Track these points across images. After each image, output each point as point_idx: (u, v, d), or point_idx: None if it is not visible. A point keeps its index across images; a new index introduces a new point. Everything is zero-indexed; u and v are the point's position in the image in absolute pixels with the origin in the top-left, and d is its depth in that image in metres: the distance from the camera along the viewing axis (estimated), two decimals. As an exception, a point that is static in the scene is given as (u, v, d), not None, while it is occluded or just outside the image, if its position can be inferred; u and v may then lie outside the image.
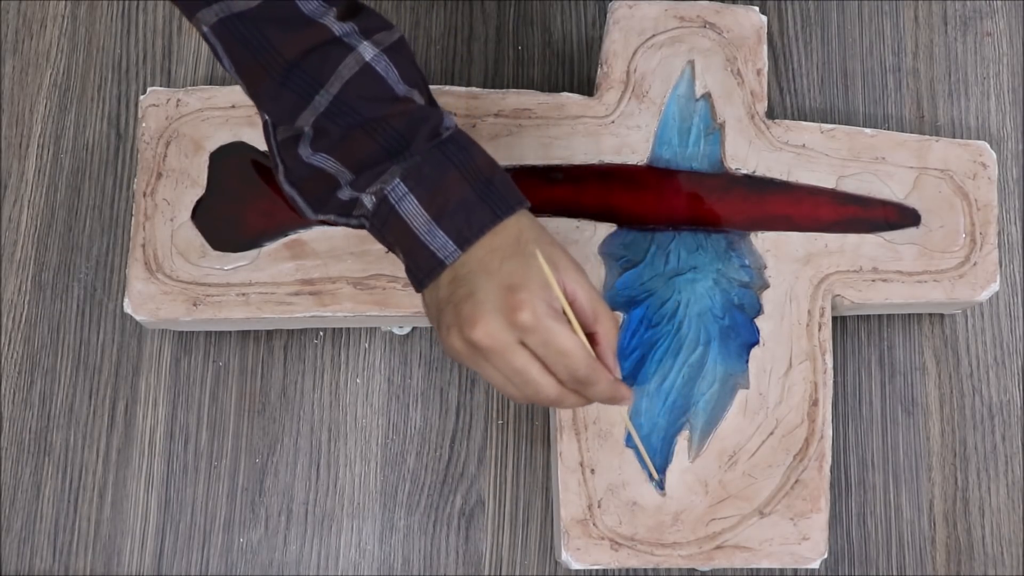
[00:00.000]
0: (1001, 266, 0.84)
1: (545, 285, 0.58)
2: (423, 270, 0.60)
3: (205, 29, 0.61)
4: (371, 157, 0.60)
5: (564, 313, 0.58)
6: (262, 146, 0.76)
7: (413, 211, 0.60)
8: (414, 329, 0.81)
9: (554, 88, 0.85)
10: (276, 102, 0.61)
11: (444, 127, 0.61)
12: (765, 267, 0.76)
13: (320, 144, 0.62)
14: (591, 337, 0.60)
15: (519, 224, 0.60)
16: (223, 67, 0.62)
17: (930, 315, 0.83)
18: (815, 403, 0.75)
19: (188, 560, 0.77)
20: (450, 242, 0.59)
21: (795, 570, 0.78)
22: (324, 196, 0.63)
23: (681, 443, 0.74)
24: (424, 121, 0.61)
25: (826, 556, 0.73)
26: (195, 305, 0.74)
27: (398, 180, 0.60)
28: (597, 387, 0.59)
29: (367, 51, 0.60)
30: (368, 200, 0.61)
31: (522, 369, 0.57)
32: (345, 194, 0.62)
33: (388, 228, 0.61)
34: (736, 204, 0.77)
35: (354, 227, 0.64)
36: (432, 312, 0.61)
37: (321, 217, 0.65)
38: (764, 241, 0.77)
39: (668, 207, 0.77)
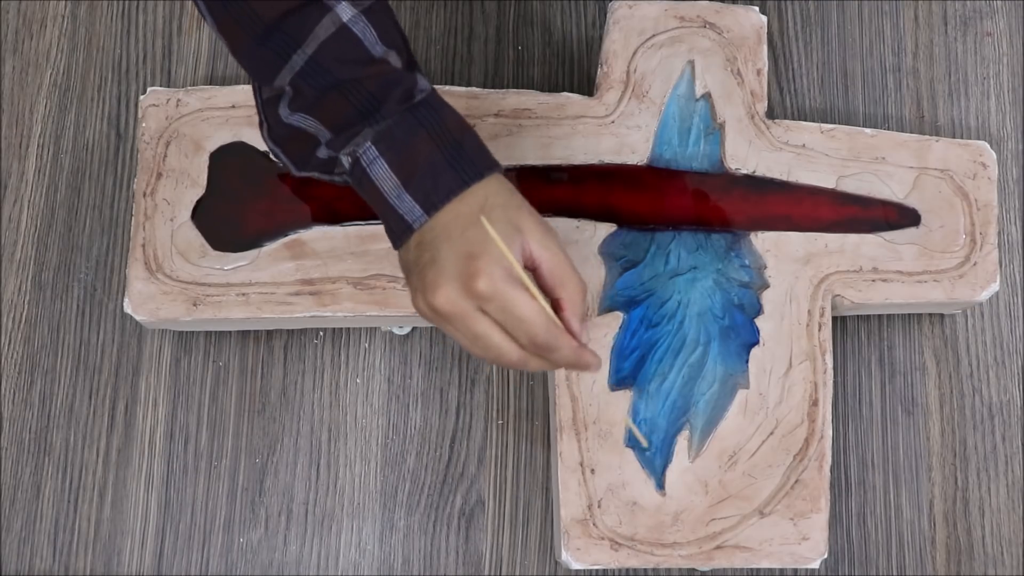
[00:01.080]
0: (1001, 266, 0.84)
1: (505, 252, 0.58)
2: (395, 233, 0.61)
3: None
4: (345, 118, 0.60)
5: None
6: (262, 146, 0.76)
7: (383, 175, 0.60)
8: (414, 329, 0.81)
9: (554, 88, 0.85)
10: (256, 62, 0.62)
11: (419, 90, 0.61)
12: (765, 267, 0.76)
13: (297, 104, 0.62)
14: (557, 303, 0.60)
15: (486, 190, 0.60)
16: (207, 25, 0.63)
17: (930, 315, 0.83)
18: (815, 403, 0.75)
19: (188, 560, 0.77)
20: (417, 207, 0.59)
21: (795, 570, 0.78)
22: (306, 155, 0.64)
23: (681, 443, 0.74)
24: (397, 84, 0.60)
25: (826, 556, 0.73)
26: (195, 305, 0.74)
27: (369, 143, 0.60)
28: (559, 353, 0.59)
29: (345, 12, 0.60)
30: (345, 161, 0.61)
31: (483, 335, 0.58)
32: (324, 153, 0.62)
33: (363, 189, 0.61)
34: (736, 204, 0.77)
35: (340, 183, 0.64)
36: (404, 273, 0.62)
37: (305, 174, 0.65)
38: (764, 241, 0.77)
39: (668, 207, 0.77)
